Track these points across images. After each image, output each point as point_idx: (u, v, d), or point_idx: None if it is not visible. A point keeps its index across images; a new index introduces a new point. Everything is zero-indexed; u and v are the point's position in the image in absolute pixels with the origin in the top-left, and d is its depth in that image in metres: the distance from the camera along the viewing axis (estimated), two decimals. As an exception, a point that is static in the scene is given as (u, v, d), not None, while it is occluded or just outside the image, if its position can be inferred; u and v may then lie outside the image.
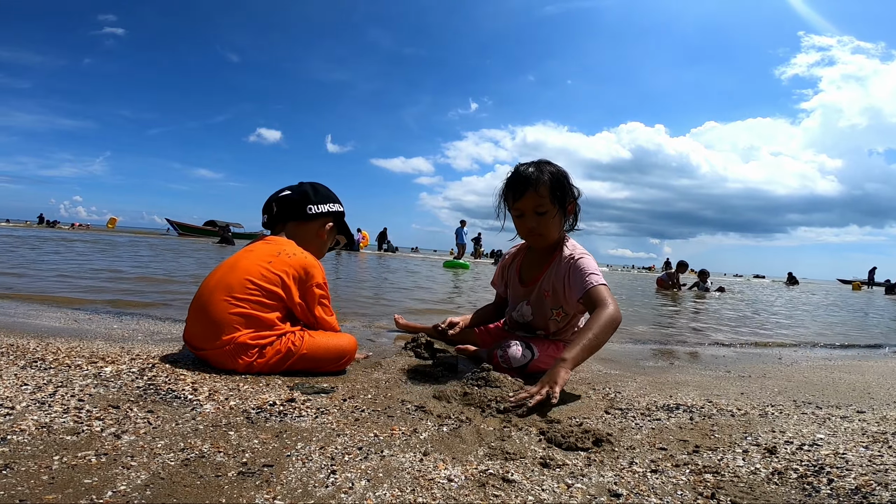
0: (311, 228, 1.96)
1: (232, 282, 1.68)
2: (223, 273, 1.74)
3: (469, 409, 1.46)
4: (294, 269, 1.75)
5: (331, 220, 2.01)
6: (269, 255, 1.76)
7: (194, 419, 1.20)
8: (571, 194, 1.97)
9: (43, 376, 1.42)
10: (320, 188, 2.00)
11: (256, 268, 1.72)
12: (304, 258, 1.79)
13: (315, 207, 1.94)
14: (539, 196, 1.88)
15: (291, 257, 1.77)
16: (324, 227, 1.99)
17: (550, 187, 1.89)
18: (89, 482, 0.86)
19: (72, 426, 1.09)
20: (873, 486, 0.98)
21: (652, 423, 1.42)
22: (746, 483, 1.01)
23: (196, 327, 1.70)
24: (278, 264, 1.73)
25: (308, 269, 1.78)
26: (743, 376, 2.22)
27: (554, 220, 1.92)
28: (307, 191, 1.96)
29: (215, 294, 1.67)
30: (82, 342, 1.92)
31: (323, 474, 0.96)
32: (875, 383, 2.15)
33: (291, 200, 1.94)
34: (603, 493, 0.96)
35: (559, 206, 1.92)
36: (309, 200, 1.94)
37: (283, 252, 1.78)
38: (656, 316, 5.34)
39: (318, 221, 1.97)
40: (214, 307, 1.65)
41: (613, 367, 2.32)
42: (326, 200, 1.98)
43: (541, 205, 1.90)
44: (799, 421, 1.46)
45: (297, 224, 1.94)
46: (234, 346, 1.62)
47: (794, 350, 3.37)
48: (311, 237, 1.96)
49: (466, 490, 0.93)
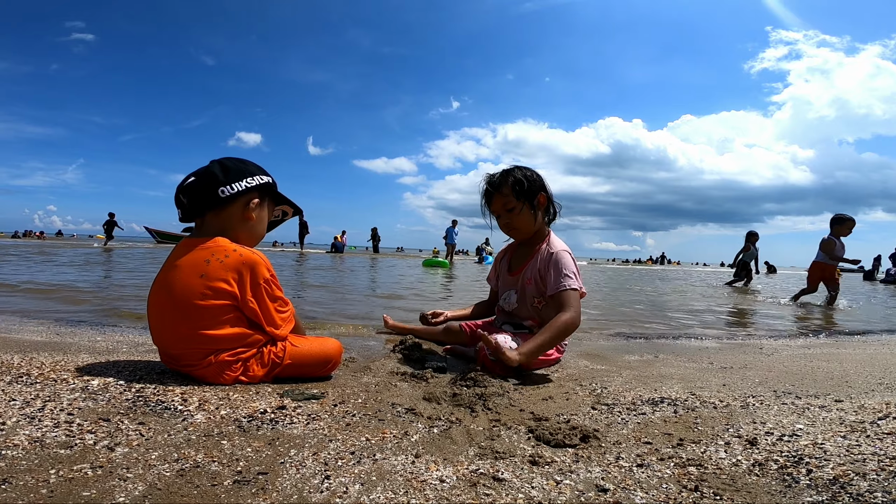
0: (232, 213, 1.68)
1: (178, 306, 1.56)
2: (163, 297, 1.59)
3: (459, 410, 1.48)
4: (233, 273, 1.57)
5: (255, 195, 1.72)
6: (199, 265, 1.57)
7: (186, 430, 1.20)
8: (537, 188, 2.18)
9: (30, 391, 1.41)
10: (230, 164, 1.69)
11: (192, 287, 1.55)
12: (238, 257, 1.59)
13: (228, 188, 1.64)
14: (504, 196, 2.17)
15: (224, 260, 1.57)
16: (247, 206, 1.70)
17: (513, 187, 2.15)
18: (88, 495, 0.86)
19: (64, 440, 1.09)
20: (851, 476, 1.02)
21: (637, 418, 1.45)
22: (728, 475, 1.04)
23: (170, 351, 1.64)
24: (213, 274, 1.56)
25: (248, 267, 1.60)
26: (725, 367, 2.27)
27: (523, 213, 2.17)
28: (214, 172, 1.66)
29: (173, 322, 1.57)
30: (66, 356, 1.91)
31: (317, 480, 0.97)
32: (853, 371, 2.21)
33: (198, 188, 1.65)
34: (591, 488, 0.98)
35: (526, 201, 2.16)
36: (218, 182, 1.64)
37: (214, 257, 1.58)
38: (639, 308, 5.41)
39: (239, 203, 1.68)
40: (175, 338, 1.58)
41: (599, 362, 2.36)
42: (240, 176, 1.68)
43: (507, 203, 2.17)
44: (779, 412, 1.50)
45: (214, 213, 1.67)
46: (216, 364, 1.59)
47: (775, 340, 3.45)
48: (236, 223, 1.69)
49: (458, 490, 0.95)
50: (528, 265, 2.22)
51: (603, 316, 4.64)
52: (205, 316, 1.55)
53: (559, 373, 2.10)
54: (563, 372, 2.11)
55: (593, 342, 3.09)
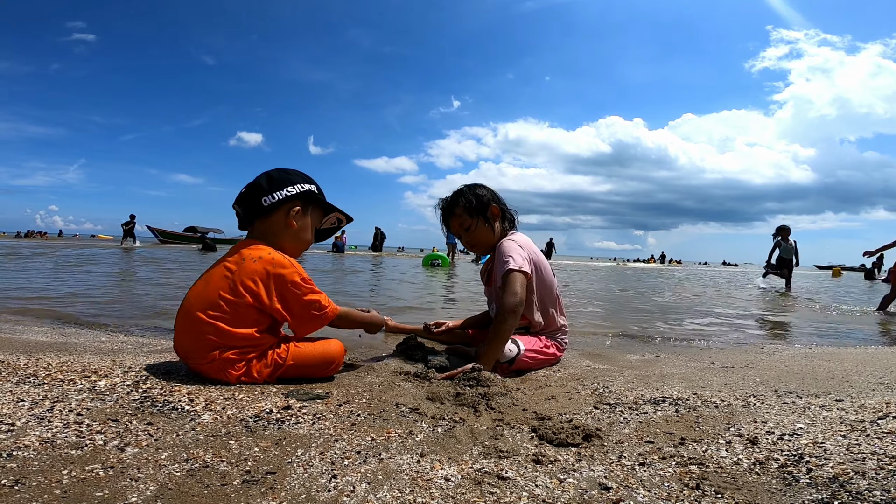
0: (276, 221, 1.80)
1: (207, 297, 1.64)
2: (200, 287, 1.69)
3: (462, 410, 1.49)
4: (261, 274, 1.65)
5: (296, 203, 1.81)
6: (234, 263, 1.68)
7: (194, 430, 1.22)
8: (487, 202, 2.26)
9: (38, 392, 1.43)
10: (276, 174, 1.81)
11: (224, 281, 1.65)
12: (269, 259, 1.68)
13: (270, 198, 1.76)
14: (458, 217, 2.26)
15: (256, 262, 1.67)
16: (289, 214, 1.80)
17: (465, 207, 2.24)
18: (101, 495, 0.88)
19: (74, 440, 1.10)
20: (850, 475, 1.03)
21: (639, 417, 1.47)
22: (729, 473, 1.06)
23: (183, 342, 1.68)
24: (242, 272, 1.65)
25: (276, 270, 1.67)
26: (727, 367, 2.28)
27: (480, 228, 2.25)
28: (260, 182, 1.79)
29: (193, 310, 1.64)
30: (72, 356, 1.92)
31: (324, 479, 0.99)
32: (854, 371, 2.22)
33: (246, 197, 1.79)
34: (594, 486, 1.00)
35: (480, 216, 2.24)
36: (262, 192, 1.77)
37: (248, 257, 1.68)
38: (643, 307, 5.42)
39: (281, 211, 1.79)
40: (194, 323, 1.63)
41: (601, 361, 2.38)
42: (283, 185, 1.78)
43: (463, 222, 2.26)
44: (780, 411, 1.51)
45: (261, 221, 1.80)
46: (219, 361, 1.63)
47: (777, 339, 3.46)
48: (279, 229, 1.80)
49: (463, 489, 0.97)
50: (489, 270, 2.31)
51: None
52: (225, 310, 1.62)
53: (561, 372, 2.11)
54: (566, 371, 2.13)
55: (593, 341, 3.10)
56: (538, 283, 2.21)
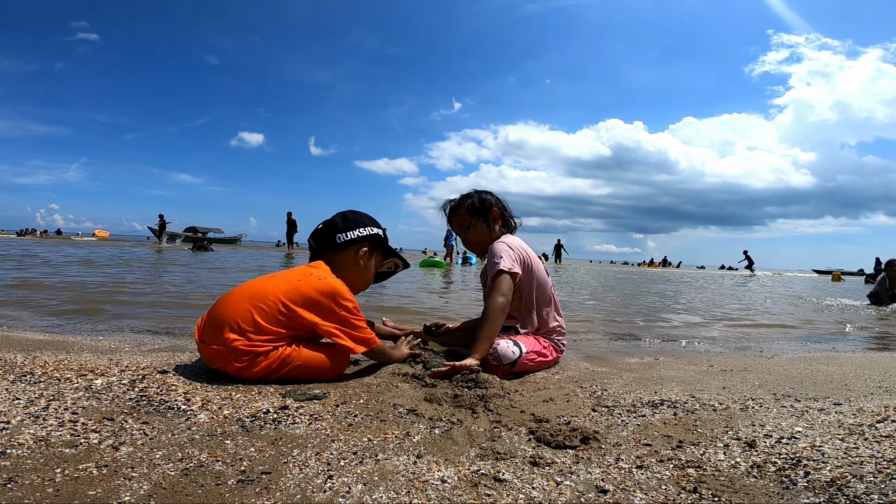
0: (346, 257, 1.99)
1: (261, 290, 1.76)
2: (260, 282, 1.84)
3: (460, 411, 1.49)
4: (318, 292, 1.77)
5: (365, 244, 2.02)
6: (302, 273, 1.84)
7: (189, 429, 1.21)
8: (489, 206, 2.36)
9: (34, 390, 1.42)
10: (350, 215, 2.05)
11: (286, 284, 1.78)
12: (333, 282, 1.82)
13: (343, 235, 1.98)
14: (460, 216, 2.39)
15: (320, 280, 1.81)
16: (358, 253, 2.00)
17: (468, 207, 2.36)
18: (94, 494, 0.87)
19: (69, 439, 1.10)
20: (848, 479, 1.02)
21: (637, 420, 1.46)
22: (727, 477, 1.05)
23: (209, 319, 1.77)
24: (305, 285, 1.78)
25: (334, 292, 1.79)
26: (725, 370, 2.27)
27: (478, 228, 2.35)
28: (336, 221, 2.02)
29: (242, 293, 1.76)
30: (69, 355, 1.92)
31: (320, 480, 0.98)
32: (853, 375, 2.21)
33: (322, 232, 2.02)
34: (591, 489, 0.99)
35: (480, 217, 2.35)
36: (336, 230, 1.99)
37: (315, 274, 1.83)
38: (642, 310, 5.42)
39: (352, 249, 2.00)
40: (235, 307, 1.72)
41: (600, 364, 2.37)
42: (355, 226, 2.01)
43: (464, 221, 2.38)
44: (778, 414, 1.51)
45: (332, 254, 1.99)
46: (227, 348, 1.65)
47: (776, 343, 3.45)
48: (347, 265, 1.99)
49: (460, 490, 0.96)
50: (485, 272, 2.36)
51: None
52: (271, 307, 1.72)
53: (559, 375, 2.10)
54: (564, 374, 2.12)
55: (592, 343, 3.09)
56: (531, 284, 2.22)
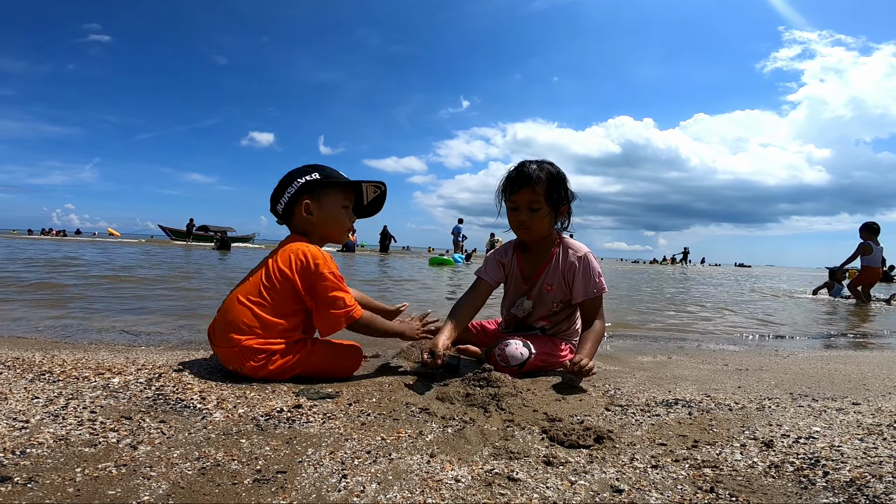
0: (297, 220, 1.87)
1: (249, 283, 1.74)
2: (248, 276, 1.80)
3: (472, 410, 1.49)
4: (293, 263, 1.72)
5: (304, 197, 1.84)
6: (274, 255, 1.78)
7: (205, 428, 1.23)
8: (566, 197, 2.09)
9: (52, 389, 1.45)
10: (282, 179, 1.87)
11: (264, 269, 1.75)
12: (304, 250, 1.74)
13: (280, 204, 1.86)
14: (535, 193, 1.99)
15: (293, 253, 1.73)
16: (301, 210, 1.84)
17: (547, 187, 2.00)
18: (113, 493, 0.89)
19: (88, 438, 1.11)
20: (868, 479, 1.01)
21: (651, 419, 1.45)
22: (744, 477, 1.04)
23: (216, 322, 1.76)
24: (278, 261, 1.73)
25: (307, 260, 1.72)
26: (740, 369, 2.25)
27: (545, 218, 2.04)
28: (274, 193, 1.88)
29: (235, 293, 1.73)
30: (87, 353, 1.94)
31: (335, 479, 0.99)
32: (871, 374, 2.18)
33: (271, 209, 1.91)
34: (605, 489, 0.99)
35: (552, 206, 2.04)
36: (274, 200, 1.88)
37: (286, 249, 1.75)
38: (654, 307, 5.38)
39: (297, 210, 1.85)
40: (232, 303, 1.71)
41: (613, 363, 2.36)
42: (285, 186, 1.85)
43: (535, 201, 2.00)
44: (795, 414, 1.49)
45: (289, 225, 1.91)
46: (240, 348, 1.66)
47: (791, 341, 3.41)
48: (304, 226, 1.88)
49: (473, 490, 0.96)
50: (544, 271, 2.14)
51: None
52: (263, 296, 1.70)
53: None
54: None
55: (605, 343, 3.08)
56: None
